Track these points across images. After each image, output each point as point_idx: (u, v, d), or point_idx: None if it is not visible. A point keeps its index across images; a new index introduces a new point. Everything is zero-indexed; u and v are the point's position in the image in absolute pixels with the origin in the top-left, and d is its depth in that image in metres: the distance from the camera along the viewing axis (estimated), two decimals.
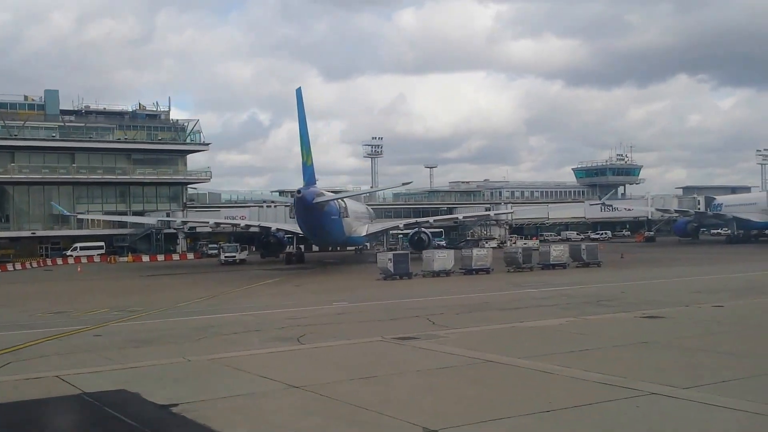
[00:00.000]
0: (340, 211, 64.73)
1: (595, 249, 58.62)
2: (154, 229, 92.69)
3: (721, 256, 72.80)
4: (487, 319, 27.35)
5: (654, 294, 35.10)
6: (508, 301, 33.75)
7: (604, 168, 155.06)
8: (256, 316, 30.23)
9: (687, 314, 25.74)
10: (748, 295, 33.05)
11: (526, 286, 42.05)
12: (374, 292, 41.42)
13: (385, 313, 29.96)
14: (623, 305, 29.74)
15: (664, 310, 26.77)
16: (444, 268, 51.80)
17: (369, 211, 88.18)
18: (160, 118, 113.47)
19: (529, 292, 37.98)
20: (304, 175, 60.37)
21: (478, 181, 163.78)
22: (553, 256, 56.23)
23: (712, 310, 26.25)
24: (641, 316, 24.56)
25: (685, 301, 30.42)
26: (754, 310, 27.53)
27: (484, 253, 54.04)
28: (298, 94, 59.35)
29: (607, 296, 34.29)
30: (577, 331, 21.83)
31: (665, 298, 32.52)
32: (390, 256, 50.50)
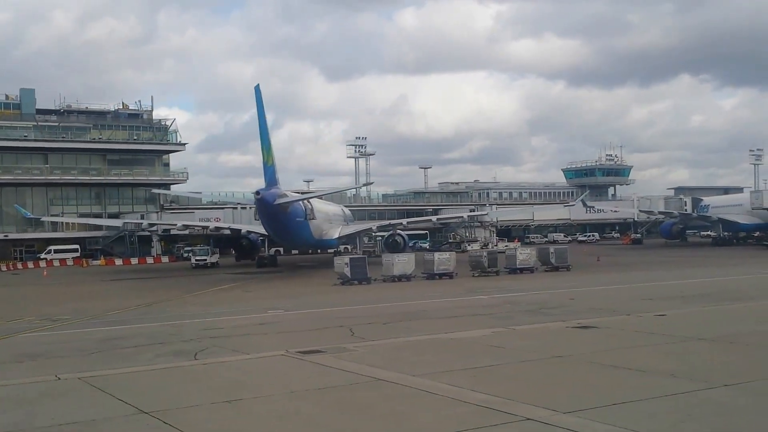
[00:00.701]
0: (306, 213, 63.00)
1: (565, 252, 56.88)
2: (128, 231, 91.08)
3: (699, 259, 71.09)
4: (413, 329, 25.74)
5: (602, 301, 33.40)
6: (448, 309, 32.11)
7: (593, 168, 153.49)
8: (175, 327, 28.60)
9: (622, 324, 24.37)
10: (700, 302, 31.61)
11: (480, 292, 40.36)
12: (320, 299, 39.91)
13: (311, 323, 28.43)
14: (564, 314, 28.36)
15: (601, 320, 25.80)
16: (404, 273, 50.17)
17: (345, 213, 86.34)
18: (142, 117, 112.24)
19: (478, 299, 36.30)
20: (265, 176, 58.72)
21: (468, 182, 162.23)
22: (519, 260, 54.58)
23: (652, 320, 25.13)
24: (574, 326, 23.56)
25: (631, 309, 28.90)
26: (696, 319, 26.07)
27: (446, 257, 52.35)
28: (256, 91, 57.68)
29: (554, 304, 32.67)
30: (496, 343, 20.72)
31: (611, 306, 30.92)
32: (347, 260, 48.84)
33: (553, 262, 55.87)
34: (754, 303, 30.69)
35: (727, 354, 18.19)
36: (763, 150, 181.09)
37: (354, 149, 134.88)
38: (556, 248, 58.20)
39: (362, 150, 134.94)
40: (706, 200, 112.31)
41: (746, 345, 19.49)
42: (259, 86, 57.90)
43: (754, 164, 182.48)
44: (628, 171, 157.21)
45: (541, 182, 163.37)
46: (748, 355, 18.08)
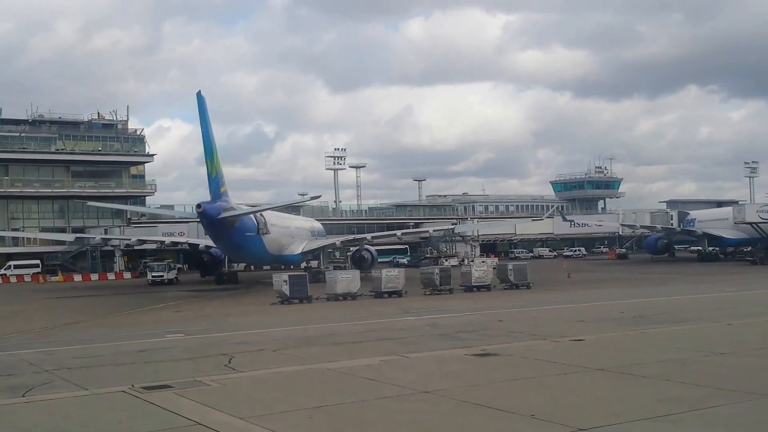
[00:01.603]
0: (258, 227, 59.92)
1: (525, 269, 53.73)
2: (90, 246, 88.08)
3: (675, 276, 67.89)
4: (297, 357, 23.11)
5: (530, 324, 30.49)
6: (359, 333, 29.15)
7: (582, 181, 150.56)
8: (46, 354, 25.55)
9: (528, 351, 22.03)
10: (633, 324, 28.82)
11: (413, 313, 37.30)
12: (242, 320, 36.92)
13: (195, 350, 25.42)
14: (477, 338, 25.89)
15: (510, 345, 23.54)
16: (349, 291, 47.09)
17: (313, 227, 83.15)
18: (116, 128, 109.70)
19: (401, 321, 33.20)
20: (210, 188, 55.84)
21: (456, 195, 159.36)
22: (475, 278, 51.42)
23: (565, 346, 23.16)
24: (474, 354, 21.46)
25: (553, 332, 26.40)
26: (611, 345, 23.47)
27: (395, 275, 49.19)
28: (199, 98, 54.89)
29: (476, 327, 29.78)
30: (370, 375, 18.63)
31: (535, 329, 28.15)
32: (285, 277, 45.77)
33: (512, 280, 52.76)
34: (687, 326, 28.19)
35: (612, 388, 16.31)
36: (758, 163, 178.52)
37: (333, 161, 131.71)
38: (515, 265, 55.11)
39: (341, 162, 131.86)
40: (692, 214, 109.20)
41: (641, 377, 17.33)
42: (201, 92, 55.27)
43: (750, 177, 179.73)
44: (618, 184, 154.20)
45: (530, 195, 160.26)
46: (631, 390, 15.92)
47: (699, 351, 21.30)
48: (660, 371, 17.86)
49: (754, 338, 24.30)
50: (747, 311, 32.73)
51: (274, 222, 65.47)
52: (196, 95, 55.15)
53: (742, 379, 16.86)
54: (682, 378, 16.98)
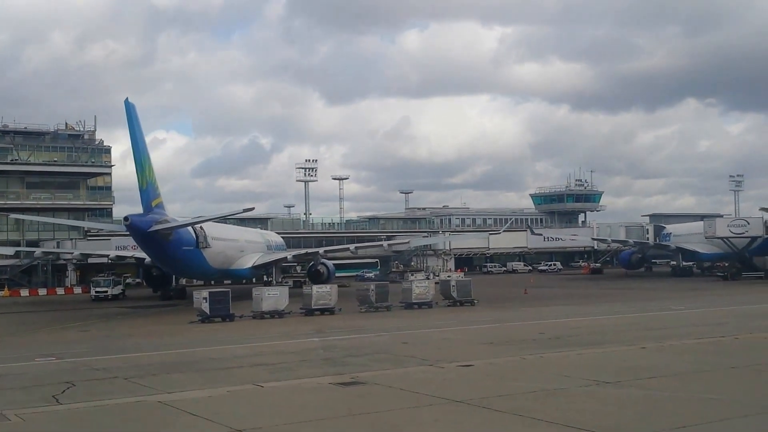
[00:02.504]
0: (197, 240, 57.11)
1: (468, 286, 51.11)
2: (41, 260, 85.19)
3: (636, 292, 65.28)
4: (144, 387, 21.14)
5: (434, 346, 28.31)
6: (241, 356, 27.21)
7: (563, 194, 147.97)
8: None
9: (400, 379, 20.68)
10: (544, 347, 26.80)
11: (328, 333, 34.74)
12: (141, 342, 34.13)
13: (42, 378, 23.03)
14: (361, 364, 24.07)
15: (387, 372, 21.98)
16: (276, 309, 44.42)
17: (269, 240, 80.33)
18: (83, 138, 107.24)
19: (303, 343, 30.76)
20: (142, 200, 53.08)
21: (435, 208, 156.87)
22: (415, 294, 48.81)
23: (447, 372, 21.55)
24: (340, 383, 19.82)
25: (447, 357, 24.58)
26: (496, 372, 21.61)
27: (327, 291, 46.59)
28: (127, 106, 52.13)
29: (375, 350, 27.70)
30: (198, 410, 16.86)
31: (433, 353, 26.12)
32: (205, 294, 43.07)
33: (455, 297, 50.16)
34: (596, 349, 26.01)
35: (448, 425, 15.10)
36: (743, 176, 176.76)
37: (303, 172, 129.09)
38: (459, 281, 52.52)
39: (312, 173, 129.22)
40: (668, 228, 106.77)
41: (495, 411, 16.12)
42: (128, 99, 52.49)
43: (735, 191, 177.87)
44: (599, 197, 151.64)
45: (510, 208, 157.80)
46: (468, 427, 14.87)
47: (583, 380, 19.73)
48: (520, 404, 16.52)
49: (655, 364, 22.07)
50: (673, 332, 30.39)
51: (218, 235, 62.68)
52: (124, 103, 52.38)
53: (596, 416, 15.36)
54: (538, 413, 15.62)
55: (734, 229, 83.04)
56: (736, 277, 79.91)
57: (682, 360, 23.10)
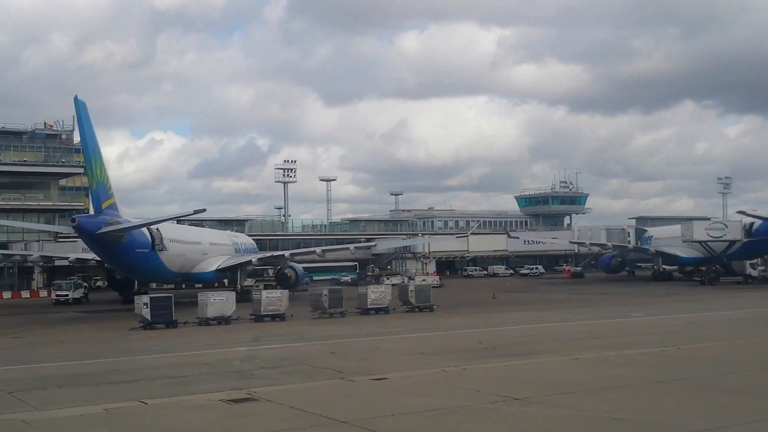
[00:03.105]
0: (153, 243, 55.35)
1: (427, 291, 49.54)
2: (6, 262, 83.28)
3: (605, 297, 63.73)
4: (11, 404, 19.39)
5: (360, 356, 27.09)
6: (149, 368, 25.71)
7: (547, 196, 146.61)
8: None
9: (298, 394, 19.44)
10: (473, 358, 25.24)
11: (264, 342, 33.21)
12: (52, 351, 32.38)
13: None
14: (270, 377, 22.92)
15: (288, 387, 20.85)
16: (222, 315, 42.74)
17: (237, 243, 78.24)
18: (60, 138, 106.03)
19: (226, 353, 29.13)
20: (92, 201, 51.49)
21: (420, 210, 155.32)
22: (371, 300, 47.21)
23: (355, 387, 20.30)
24: (232, 399, 18.38)
25: (369, 368, 23.37)
26: (406, 388, 19.88)
27: (277, 297, 44.92)
28: (77, 103, 50.09)
29: (295, 360, 26.50)
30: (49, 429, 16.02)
31: (354, 364, 24.96)
32: (146, 300, 41.39)
33: (413, 302, 48.58)
34: (527, 360, 24.57)
35: None
36: (731, 179, 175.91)
37: (282, 173, 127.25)
38: (417, 286, 50.93)
39: (291, 174, 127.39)
40: (650, 231, 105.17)
41: None
42: (77, 97, 50.66)
43: (723, 193, 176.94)
44: (584, 199, 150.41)
45: (494, 211, 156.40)
46: None
47: (492, 395, 18.32)
48: (407, 425, 15.50)
49: (579, 378, 20.63)
50: (618, 342, 28.96)
51: (177, 237, 60.90)
52: (74, 100, 50.47)
53: None
54: None
55: (712, 233, 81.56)
56: (714, 282, 78.44)
57: (609, 373, 21.60)
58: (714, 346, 26.95)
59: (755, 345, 27.00)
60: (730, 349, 26.01)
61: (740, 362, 22.49)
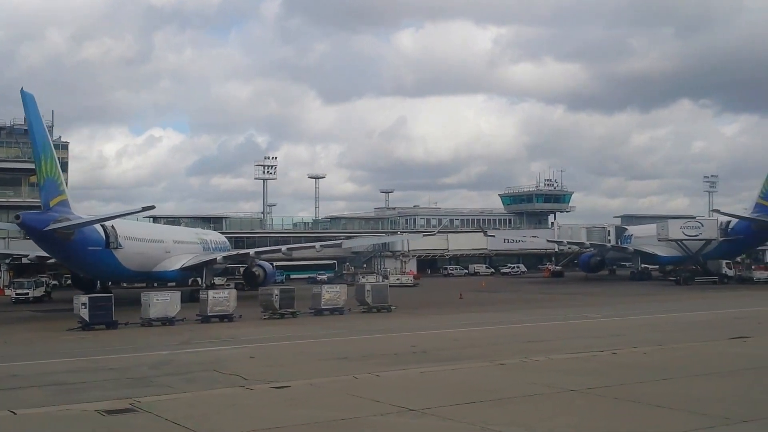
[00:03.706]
0: (107, 240, 53.86)
1: (385, 290, 48.29)
2: None
3: (575, 297, 62.57)
4: None
5: (278, 362, 25.78)
6: (50, 374, 23.98)
7: (531, 194, 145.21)
8: None
9: (186, 404, 18.09)
10: (394, 364, 24.03)
11: (193, 345, 31.84)
12: None
13: None
14: (166, 386, 21.44)
15: (181, 396, 19.50)
16: (166, 315, 41.37)
17: (206, 240, 76.68)
18: None
19: (139, 358, 27.74)
20: (41, 196, 49.87)
21: (405, 207, 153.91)
22: (324, 300, 45.91)
23: (250, 396, 19.00)
24: (112, 410, 17.00)
25: (280, 375, 21.96)
26: (302, 397, 18.45)
27: (225, 297, 43.52)
28: (24, 96, 48.36)
29: (208, 366, 25.10)
30: None
31: (265, 370, 23.38)
32: (84, 300, 39.95)
33: (369, 302, 47.30)
34: (450, 366, 23.19)
35: None
36: (717, 177, 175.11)
37: (262, 170, 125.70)
38: (374, 286, 49.68)
39: (272, 171, 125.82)
40: (630, 230, 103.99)
41: None
42: (23, 89, 49.09)
43: (709, 192, 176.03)
44: (569, 197, 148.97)
45: (478, 209, 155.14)
46: None
47: (392, 406, 17.02)
48: None
49: (494, 386, 19.41)
50: (556, 345, 27.87)
51: (134, 235, 59.42)
52: (21, 92, 49.02)
53: None
54: None
55: (687, 232, 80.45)
56: (689, 281, 77.33)
57: (526, 380, 20.29)
58: (651, 351, 25.65)
59: (692, 350, 25.74)
60: (665, 355, 24.76)
61: (664, 369, 21.22)
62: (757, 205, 79.98)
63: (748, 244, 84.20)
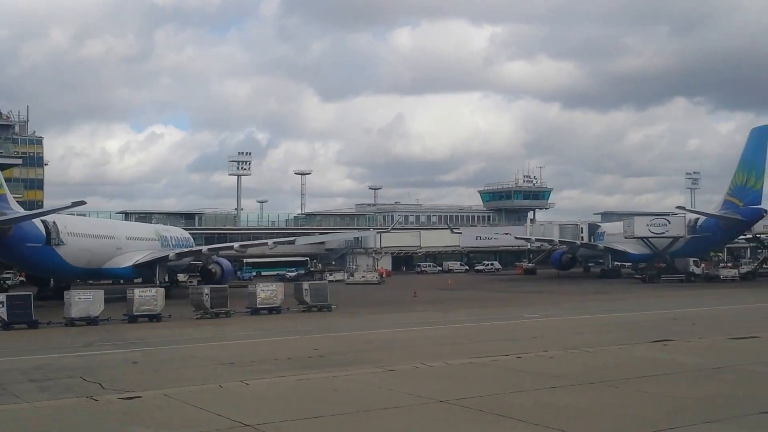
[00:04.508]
0: (48, 236, 52.35)
1: (324, 289, 46.89)
2: None
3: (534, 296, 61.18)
4: None
5: (152, 369, 23.84)
6: None
7: (510, 191, 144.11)
8: None
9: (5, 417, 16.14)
10: (287, 369, 22.41)
11: (93, 348, 30.15)
12: None
13: None
14: (15, 395, 19.61)
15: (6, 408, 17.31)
16: (89, 315, 39.86)
17: (164, 237, 74.81)
18: (14, 129, 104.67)
19: (23, 361, 26.13)
20: None
21: (386, 204, 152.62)
22: (260, 299, 44.49)
23: (93, 407, 17.28)
24: None
25: (153, 382, 20.81)
26: (149, 409, 16.82)
27: (152, 295, 41.98)
28: None
29: (73, 374, 23.05)
30: None
31: (135, 378, 21.84)
32: (2, 299, 38.40)
33: (308, 301, 45.93)
34: (334, 373, 21.35)
35: None
36: (699, 173, 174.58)
37: (236, 166, 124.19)
38: (312, 285, 48.21)
39: (246, 167, 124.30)
40: (603, 227, 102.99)
41: None
42: None
43: (691, 188, 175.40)
44: (548, 194, 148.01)
45: (458, 206, 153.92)
46: None
47: (227, 420, 15.27)
48: None
49: (355, 398, 17.82)
50: (467, 349, 26.64)
51: (79, 231, 57.84)
52: None
53: None
54: None
55: (654, 229, 79.29)
56: (655, 279, 76.16)
57: (403, 389, 18.70)
58: (559, 356, 24.27)
59: (601, 355, 24.35)
60: (571, 360, 23.36)
61: (557, 377, 19.83)
62: (725, 201, 78.92)
63: (716, 242, 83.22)
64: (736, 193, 77.67)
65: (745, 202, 76.29)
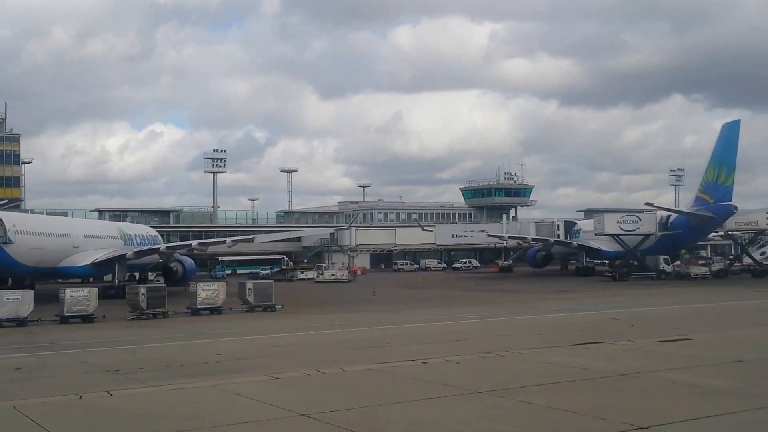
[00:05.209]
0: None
1: (269, 289, 45.64)
2: None
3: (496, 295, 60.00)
4: None
5: (40, 375, 22.49)
6: None
7: (491, 188, 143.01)
8: None
9: None
10: (170, 378, 20.80)
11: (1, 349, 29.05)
12: None
13: None
14: None
15: None
16: (17, 316, 38.54)
17: (128, 235, 73.24)
18: None
19: None
20: None
21: (368, 201, 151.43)
22: (201, 299, 43.23)
23: None
24: None
25: (19, 392, 18.75)
26: None
27: (85, 295, 40.58)
28: None
29: None
30: None
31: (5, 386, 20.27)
32: None
33: (251, 301, 44.71)
34: (215, 381, 19.77)
35: None
36: (684, 170, 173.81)
37: (211, 163, 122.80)
38: (256, 284, 46.95)
39: (221, 164, 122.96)
40: (579, 225, 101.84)
41: None
42: None
43: (675, 185, 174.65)
44: (529, 191, 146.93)
45: (439, 203, 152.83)
46: None
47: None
48: None
49: (202, 412, 16.37)
50: (380, 354, 25.31)
51: (30, 229, 56.47)
52: None
53: None
54: None
55: (624, 226, 78.20)
56: (625, 277, 75.09)
57: (269, 400, 17.43)
58: (467, 360, 23.04)
59: (512, 360, 23.13)
60: (477, 365, 22.13)
61: (446, 386, 18.57)
62: (696, 198, 77.85)
63: (688, 239, 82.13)
64: (707, 190, 76.65)
65: (715, 198, 75.28)
